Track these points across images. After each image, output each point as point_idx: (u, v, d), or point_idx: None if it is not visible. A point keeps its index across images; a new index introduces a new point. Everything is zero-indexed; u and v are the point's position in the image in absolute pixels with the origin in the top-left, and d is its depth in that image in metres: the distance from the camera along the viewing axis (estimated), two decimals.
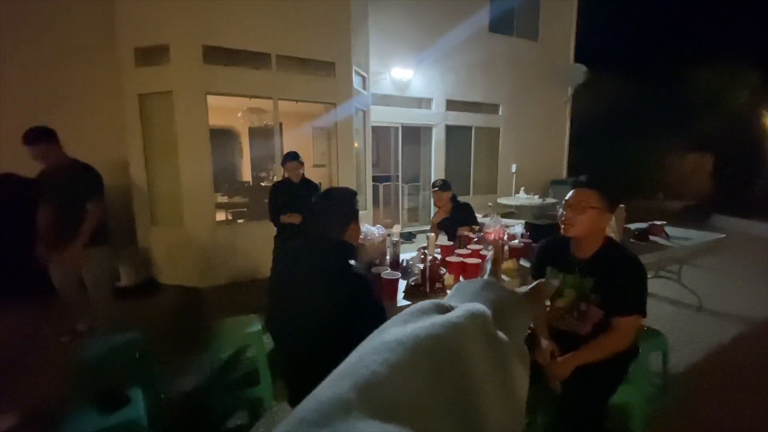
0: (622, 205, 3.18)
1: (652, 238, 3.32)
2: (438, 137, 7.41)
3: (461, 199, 3.35)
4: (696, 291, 3.74)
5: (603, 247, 1.62)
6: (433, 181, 3.44)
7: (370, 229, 2.09)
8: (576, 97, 9.28)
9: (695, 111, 10.32)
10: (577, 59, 9.09)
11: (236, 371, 2.43)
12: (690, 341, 2.95)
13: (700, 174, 10.86)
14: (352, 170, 5.09)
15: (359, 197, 1.70)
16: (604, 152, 10.48)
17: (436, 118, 7.33)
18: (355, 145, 5.69)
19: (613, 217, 2.82)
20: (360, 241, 2.03)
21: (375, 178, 6.76)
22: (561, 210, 1.67)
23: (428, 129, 7.44)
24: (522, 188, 7.20)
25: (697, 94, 10.25)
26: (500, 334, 0.40)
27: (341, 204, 1.45)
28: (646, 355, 2.05)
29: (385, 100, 6.69)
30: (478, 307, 0.41)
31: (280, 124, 7.08)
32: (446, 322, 0.37)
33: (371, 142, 5.92)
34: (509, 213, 6.83)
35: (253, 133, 7.80)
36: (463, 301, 0.44)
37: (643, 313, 1.53)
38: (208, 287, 4.23)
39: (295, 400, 1.43)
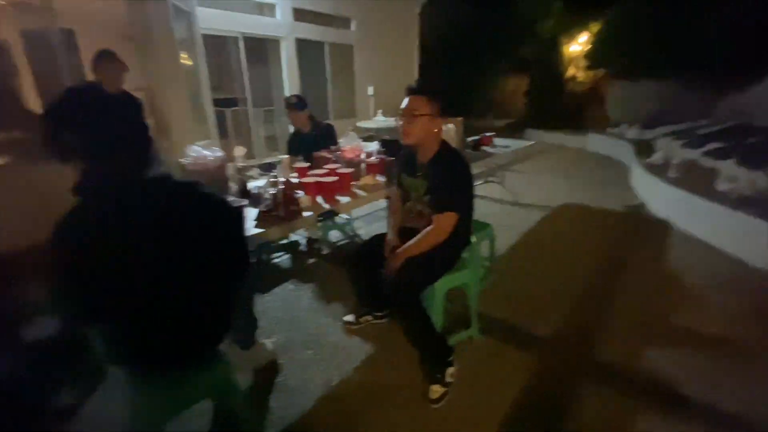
0: (460, 118, 3.52)
1: (483, 148, 3.81)
2: (289, 53, 6.66)
3: None
4: (513, 190, 4.60)
5: (438, 151, 1.72)
6: (286, 97, 3.10)
7: (201, 152, 1.75)
8: (421, 16, 9.42)
9: (515, 37, 11.84)
10: None
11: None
12: (509, 229, 3.65)
13: (518, 95, 12.93)
14: (183, 92, 4.19)
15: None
16: (446, 74, 11.34)
17: (282, 29, 6.49)
18: (188, 62, 4.64)
19: (453, 129, 3.09)
20: (190, 167, 1.69)
21: (218, 102, 5.80)
22: (398, 120, 1.69)
23: (275, 43, 6.59)
24: (380, 111, 7.29)
25: (516, 20, 11.67)
26: None
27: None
28: (478, 244, 2.42)
29: (216, 2, 5.51)
30: None
31: (71, 31, 5.23)
32: None
33: (205, 56, 4.92)
34: (370, 137, 6.92)
35: (30, 41, 5.58)
36: None
37: (457, 211, 1.66)
38: None
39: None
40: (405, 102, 1.66)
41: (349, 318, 2.19)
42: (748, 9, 7.44)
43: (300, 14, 6.72)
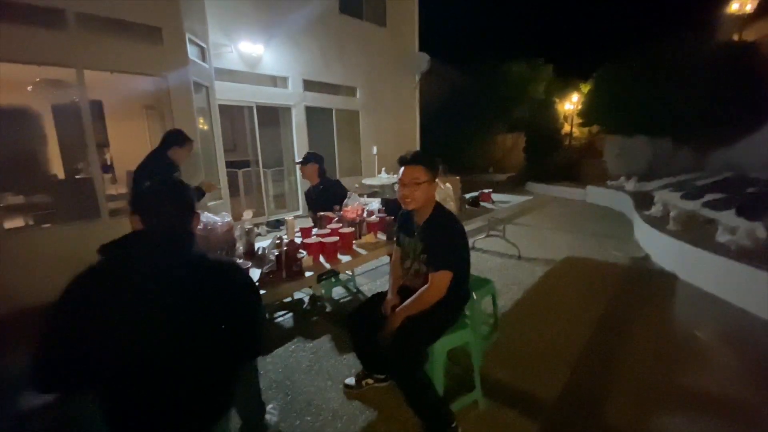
0: (457, 177, 3.67)
1: (482, 203, 3.92)
2: (299, 118, 7.16)
3: None
4: (516, 244, 4.63)
5: (432, 213, 1.83)
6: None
7: (211, 218, 1.86)
8: (422, 83, 10.18)
9: (510, 98, 12.63)
10: (422, 48, 9.94)
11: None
12: (513, 283, 3.64)
13: (516, 150, 13.46)
14: (198, 155, 4.48)
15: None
16: (447, 134, 11.96)
17: (294, 98, 7.04)
18: (204, 127, 5.02)
19: (451, 188, 3.22)
20: (200, 232, 1.79)
21: (231, 164, 6.15)
22: (397, 188, 1.82)
23: (287, 110, 7.11)
24: (383, 168, 7.61)
25: (510, 84, 12.53)
26: None
27: (183, 193, 1.20)
28: (480, 300, 2.42)
29: (234, 76, 6.08)
30: None
31: (100, 103, 5.71)
32: None
33: (220, 123, 5.31)
34: (374, 192, 7.17)
35: (60, 112, 6.11)
36: None
37: (451, 269, 1.72)
38: None
39: None
40: (401, 172, 1.79)
41: (350, 382, 2.14)
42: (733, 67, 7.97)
43: (310, 85, 7.32)
